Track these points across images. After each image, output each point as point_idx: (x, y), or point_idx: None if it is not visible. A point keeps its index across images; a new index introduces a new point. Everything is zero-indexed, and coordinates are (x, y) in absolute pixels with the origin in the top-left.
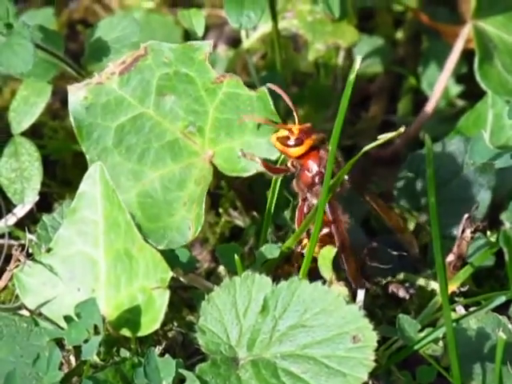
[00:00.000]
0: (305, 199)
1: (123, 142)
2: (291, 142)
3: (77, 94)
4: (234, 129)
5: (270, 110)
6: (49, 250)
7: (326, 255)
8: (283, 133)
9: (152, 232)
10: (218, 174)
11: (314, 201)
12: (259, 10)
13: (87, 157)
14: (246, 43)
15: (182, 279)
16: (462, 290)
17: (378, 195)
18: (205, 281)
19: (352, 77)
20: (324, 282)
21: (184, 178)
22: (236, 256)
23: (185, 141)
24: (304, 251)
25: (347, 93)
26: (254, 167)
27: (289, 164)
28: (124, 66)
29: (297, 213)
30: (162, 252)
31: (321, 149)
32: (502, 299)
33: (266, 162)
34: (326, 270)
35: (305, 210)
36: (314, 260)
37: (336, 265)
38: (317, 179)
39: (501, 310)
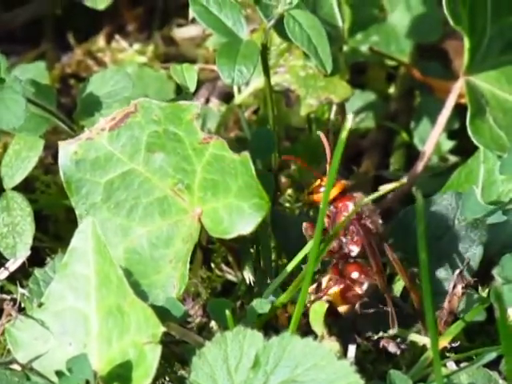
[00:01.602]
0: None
1: (112, 197)
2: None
3: (67, 149)
4: (219, 190)
5: (251, 174)
6: (40, 305)
7: (318, 310)
8: (314, 185)
9: (137, 289)
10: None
11: (351, 246)
12: (251, 65)
13: (76, 212)
14: (239, 98)
15: (173, 334)
16: (454, 345)
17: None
18: (196, 336)
19: (344, 134)
20: (315, 337)
21: (171, 235)
22: (227, 311)
23: (174, 198)
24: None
25: (339, 150)
26: (237, 230)
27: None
28: (114, 122)
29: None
30: (154, 306)
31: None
32: (493, 355)
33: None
34: (317, 325)
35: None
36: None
37: (327, 320)
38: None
39: (492, 365)
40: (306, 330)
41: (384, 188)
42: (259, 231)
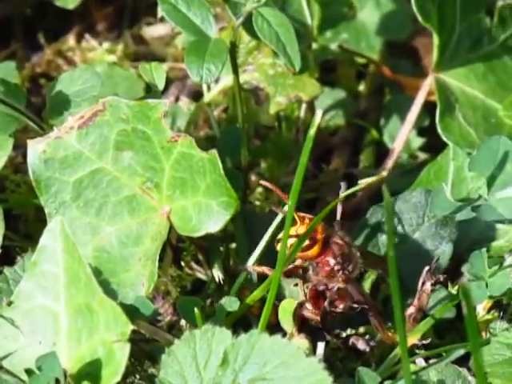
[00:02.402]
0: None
1: (81, 196)
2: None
3: (35, 148)
4: (188, 188)
5: (219, 172)
6: (10, 304)
7: (287, 308)
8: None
9: (106, 287)
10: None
11: (339, 285)
12: (220, 63)
13: (46, 210)
14: (208, 96)
15: (143, 332)
16: (424, 342)
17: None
18: (166, 334)
19: (312, 131)
20: (284, 335)
21: (141, 233)
22: (196, 309)
23: (142, 196)
24: None
25: (307, 147)
26: (205, 228)
27: (298, 262)
28: (83, 121)
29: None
30: (123, 304)
31: (330, 239)
32: (461, 352)
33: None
34: (286, 322)
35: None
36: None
37: (297, 317)
38: (336, 270)
39: (461, 361)
40: (277, 328)
41: (363, 181)
42: (234, 228)
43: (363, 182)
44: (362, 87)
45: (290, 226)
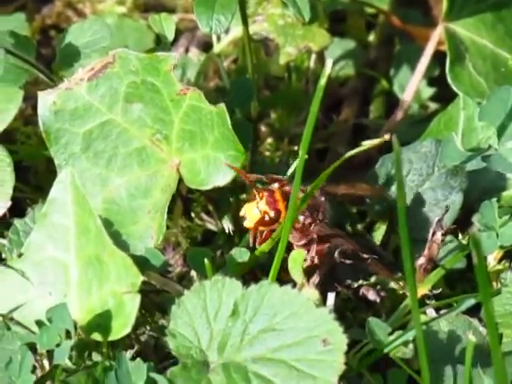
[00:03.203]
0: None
1: (91, 147)
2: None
3: (46, 99)
4: (197, 141)
5: (227, 126)
6: (20, 255)
7: (297, 258)
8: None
9: (116, 239)
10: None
11: (314, 236)
12: (229, 13)
13: (56, 162)
14: (218, 47)
15: (153, 283)
16: (434, 292)
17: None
18: (176, 285)
19: (323, 81)
20: (294, 286)
21: (150, 185)
22: (206, 260)
23: (152, 148)
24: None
25: (318, 97)
26: (213, 182)
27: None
28: (92, 73)
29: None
30: (133, 256)
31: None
32: (471, 302)
33: None
34: (296, 273)
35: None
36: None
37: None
38: (308, 224)
39: (472, 312)
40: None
41: (366, 143)
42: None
43: (366, 144)
44: (371, 37)
45: (300, 179)
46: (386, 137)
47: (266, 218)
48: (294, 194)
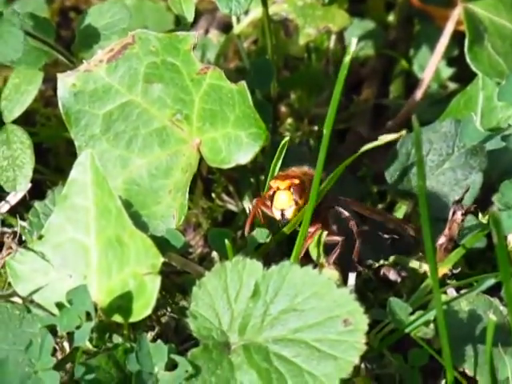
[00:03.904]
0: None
1: (111, 129)
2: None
3: (65, 81)
4: (218, 120)
5: (248, 104)
6: (40, 237)
7: (318, 239)
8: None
9: (136, 220)
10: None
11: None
12: None
13: (76, 143)
14: (237, 28)
15: (174, 264)
16: (455, 272)
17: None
18: (197, 266)
19: (347, 59)
20: (315, 266)
21: (171, 165)
22: (227, 241)
23: (172, 128)
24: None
25: (342, 75)
26: (234, 160)
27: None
28: (112, 54)
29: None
30: (154, 237)
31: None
32: (492, 281)
33: None
34: (317, 254)
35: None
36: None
37: (327, 249)
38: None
39: (493, 291)
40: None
41: (383, 138)
42: (264, 160)
43: (383, 139)
44: (391, 18)
45: (323, 161)
46: (403, 132)
47: (293, 205)
48: (317, 173)
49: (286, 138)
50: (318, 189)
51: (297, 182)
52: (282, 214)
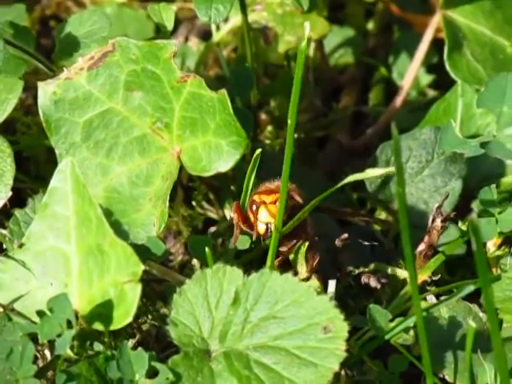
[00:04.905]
0: None
1: (91, 136)
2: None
3: (46, 89)
4: (198, 128)
5: (228, 112)
6: (21, 246)
7: (300, 249)
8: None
9: (117, 228)
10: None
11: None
12: (228, 2)
13: (56, 151)
14: (217, 36)
15: (154, 272)
16: (434, 278)
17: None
18: (177, 274)
19: (303, 44)
20: (295, 274)
21: (151, 173)
22: (207, 248)
23: (153, 136)
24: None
25: (300, 62)
26: (215, 168)
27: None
28: (92, 62)
29: None
30: (134, 245)
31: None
32: (471, 288)
33: None
34: (299, 263)
35: None
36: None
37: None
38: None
39: (472, 298)
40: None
41: (371, 172)
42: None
43: (369, 172)
44: (370, 25)
45: (290, 154)
46: (391, 169)
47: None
48: (285, 171)
49: (258, 150)
50: (286, 187)
51: None
52: (267, 228)
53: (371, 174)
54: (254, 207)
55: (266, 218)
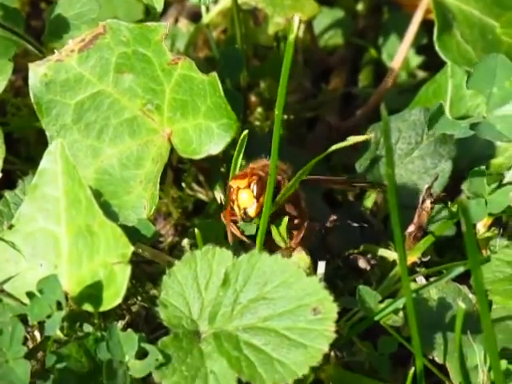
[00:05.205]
0: None
1: (82, 118)
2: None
3: (36, 71)
4: (189, 110)
5: (219, 94)
6: (11, 227)
7: (280, 225)
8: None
9: (107, 209)
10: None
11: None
12: None
13: (47, 133)
14: (207, 18)
15: (145, 254)
16: (424, 260)
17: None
18: (167, 255)
19: (291, 37)
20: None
21: (142, 155)
22: (196, 230)
23: (143, 118)
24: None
25: (288, 54)
26: (206, 150)
27: None
28: (83, 44)
29: None
30: (124, 226)
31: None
32: (461, 269)
33: None
34: (280, 239)
35: None
36: None
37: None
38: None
39: (462, 279)
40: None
41: (352, 139)
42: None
43: (351, 139)
44: (360, 6)
45: (277, 144)
46: (371, 135)
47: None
48: (273, 159)
49: (245, 132)
50: (275, 175)
51: (255, 178)
52: (245, 213)
53: (353, 140)
54: (232, 193)
55: (242, 203)
